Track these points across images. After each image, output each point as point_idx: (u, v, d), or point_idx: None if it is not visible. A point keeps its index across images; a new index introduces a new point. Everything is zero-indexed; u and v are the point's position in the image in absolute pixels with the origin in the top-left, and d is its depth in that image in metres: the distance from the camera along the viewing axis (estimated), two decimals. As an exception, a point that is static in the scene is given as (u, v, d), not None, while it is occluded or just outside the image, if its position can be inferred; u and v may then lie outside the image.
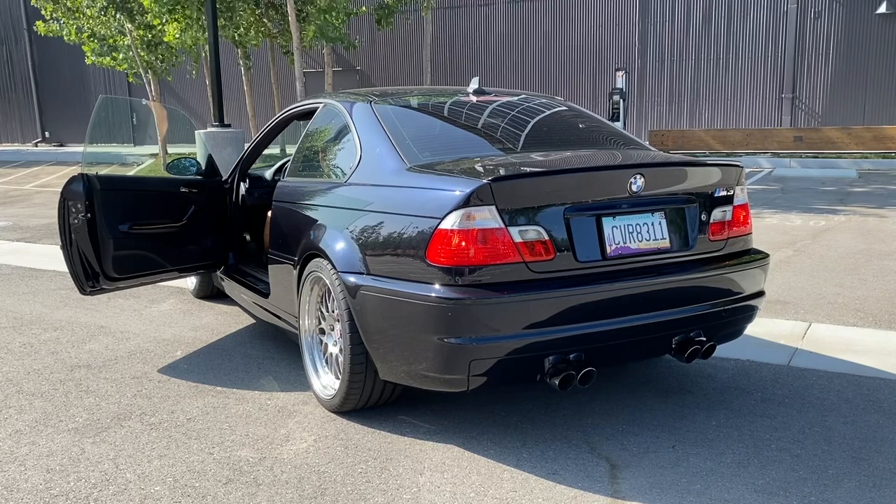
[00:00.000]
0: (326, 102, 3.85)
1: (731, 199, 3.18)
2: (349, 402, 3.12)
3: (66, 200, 3.82)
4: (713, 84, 17.78)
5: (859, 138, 15.08)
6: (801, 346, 4.00)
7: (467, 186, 2.66)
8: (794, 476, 2.61)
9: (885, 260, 6.16)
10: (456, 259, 2.64)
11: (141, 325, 4.68)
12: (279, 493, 2.56)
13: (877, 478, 2.60)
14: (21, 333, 4.55)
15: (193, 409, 3.31)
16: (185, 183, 4.27)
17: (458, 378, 2.72)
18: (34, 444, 2.99)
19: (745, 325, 3.29)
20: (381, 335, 2.89)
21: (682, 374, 3.61)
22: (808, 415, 3.12)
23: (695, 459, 2.75)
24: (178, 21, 13.61)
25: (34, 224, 9.34)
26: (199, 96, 22.05)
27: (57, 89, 25.33)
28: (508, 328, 2.65)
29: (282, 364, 3.88)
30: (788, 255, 6.44)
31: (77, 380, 3.71)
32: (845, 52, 16.61)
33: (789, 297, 4.99)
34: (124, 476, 2.70)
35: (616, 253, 2.85)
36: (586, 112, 4.04)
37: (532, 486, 2.58)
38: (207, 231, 4.32)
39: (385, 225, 2.93)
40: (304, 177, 3.79)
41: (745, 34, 17.35)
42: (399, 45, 20.52)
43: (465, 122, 3.62)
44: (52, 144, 25.14)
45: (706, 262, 3.08)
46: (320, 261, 3.21)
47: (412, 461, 2.78)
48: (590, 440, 2.92)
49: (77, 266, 3.86)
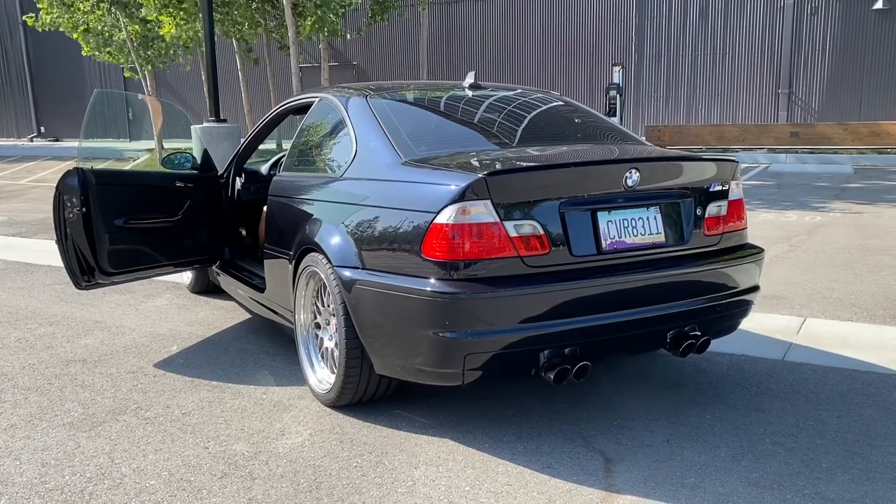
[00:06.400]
0: (322, 97, 3.84)
1: (726, 193, 3.18)
2: (345, 397, 3.12)
3: (61, 195, 3.81)
4: (710, 79, 17.78)
5: (855, 134, 15.10)
6: (795, 340, 4.01)
7: (462, 181, 2.66)
8: (788, 469, 2.63)
9: (879, 255, 6.18)
10: (451, 253, 2.64)
11: (136, 319, 4.67)
12: (274, 487, 2.56)
13: (870, 471, 2.61)
14: (16, 328, 4.54)
15: (189, 404, 3.31)
16: (181, 178, 4.26)
17: (453, 372, 2.73)
18: (29, 438, 2.99)
19: (740, 319, 3.30)
20: (376, 330, 2.89)
21: (676, 368, 3.62)
22: (803, 409, 3.13)
23: (689, 453, 2.76)
24: (174, 16, 13.56)
25: (29, 219, 9.32)
26: (194, 91, 21.97)
27: (52, 84, 25.23)
28: (503, 322, 2.65)
29: (277, 359, 3.88)
30: (784, 250, 6.45)
31: (72, 374, 3.71)
32: (842, 47, 16.62)
33: (784, 292, 5.01)
34: (119, 470, 2.70)
35: (611, 247, 2.86)
36: (582, 107, 4.04)
37: (527, 479, 2.59)
38: (203, 226, 4.31)
39: (380, 219, 2.93)
40: (299, 171, 3.79)
41: (742, 29, 17.35)
42: (395, 40, 20.48)
43: (460, 116, 3.62)
44: (47, 139, 25.04)
45: (701, 257, 3.08)
46: (316, 255, 3.21)
47: (407, 455, 2.79)
48: (585, 434, 2.93)
49: (72, 261, 3.85)
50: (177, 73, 21.16)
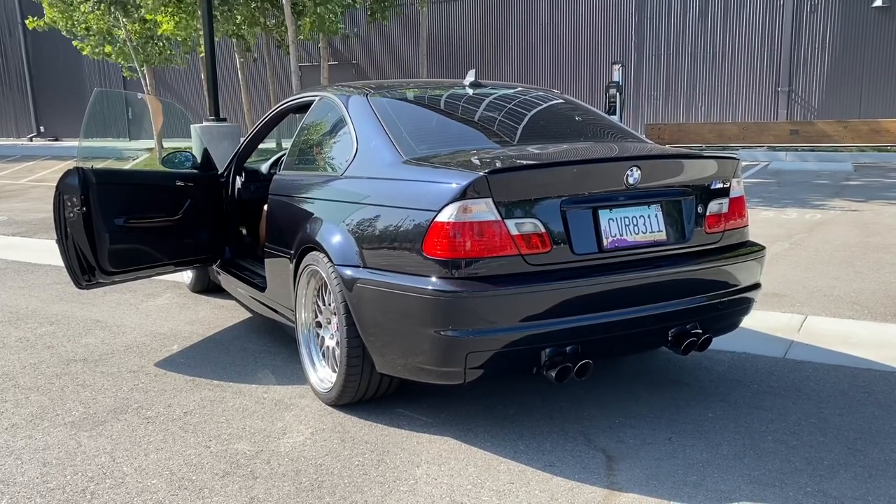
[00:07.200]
0: (322, 95, 3.84)
1: (727, 191, 3.18)
2: (346, 396, 3.12)
3: (61, 194, 3.81)
4: (710, 77, 17.78)
5: (855, 132, 15.10)
6: (796, 338, 4.01)
7: (464, 179, 2.66)
8: (790, 467, 2.62)
9: (880, 253, 6.18)
10: (452, 252, 2.64)
11: (137, 319, 4.67)
12: (276, 486, 2.56)
13: (872, 469, 2.61)
14: (17, 328, 4.54)
15: (190, 403, 3.31)
16: (181, 177, 4.25)
17: (454, 371, 2.72)
18: (31, 437, 2.99)
19: (742, 317, 3.29)
20: (377, 328, 2.89)
21: (678, 366, 3.62)
22: (804, 407, 3.13)
23: (691, 451, 2.76)
24: (174, 15, 13.55)
25: (30, 219, 9.32)
26: (194, 90, 21.97)
27: (52, 83, 25.23)
28: (505, 321, 2.65)
29: (278, 357, 3.87)
30: (784, 248, 6.45)
31: (73, 374, 3.70)
32: (841, 45, 16.62)
33: (785, 290, 5.00)
34: (121, 469, 2.70)
35: (612, 245, 2.85)
36: (583, 105, 4.04)
37: (529, 478, 2.59)
38: (203, 225, 4.31)
39: (381, 218, 2.92)
40: (300, 170, 3.78)
41: (742, 27, 17.34)
42: (395, 39, 20.46)
43: (461, 114, 3.61)
44: (47, 139, 25.04)
45: (702, 255, 3.08)
46: (317, 254, 3.21)
47: (409, 454, 2.78)
48: (586, 432, 2.93)
49: (73, 260, 3.85)
50: (176, 72, 21.15)
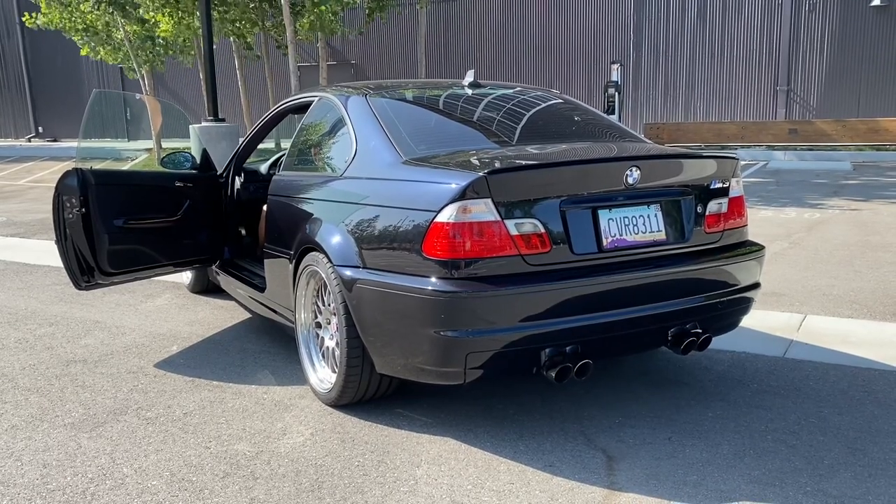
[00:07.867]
0: (321, 96, 3.83)
1: (726, 191, 3.18)
2: (346, 396, 3.12)
3: (60, 195, 3.80)
4: (708, 77, 17.78)
5: (854, 131, 15.11)
6: (796, 337, 4.01)
7: (463, 179, 2.66)
8: (789, 466, 2.63)
9: (879, 251, 6.18)
10: (452, 252, 2.64)
11: (136, 319, 4.67)
12: (276, 487, 2.56)
13: (872, 468, 2.61)
14: (16, 329, 4.54)
15: (190, 404, 3.31)
16: (180, 177, 4.25)
17: (454, 371, 2.72)
18: (30, 439, 2.98)
19: (741, 316, 3.30)
20: (377, 329, 2.89)
21: (678, 366, 3.62)
22: (804, 406, 3.14)
23: (691, 451, 2.76)
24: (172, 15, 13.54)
25: (28, 219, 9.31)
26: (193, 90, 21.95)
27: (50, 84, 25.20)
28: (505, 321, 2.65)
29: (278, 358, 3.87)
30: (783, 247, 6.45)
31: (73, 375, 3.70)
32: (840, 44, 16.62)
33: (784, 290, 5.01)
34: (121, 470, 2.70)
35: (612, 245, 2.86)
36: (582, 105, 4.04)
37: (529, 477, 2.59)
38: (203, 226, 4.30)
39: (381, 218, 2.92)
40: (299, 171, 3.78)
41: (740, 27, 17.35)
42: (393, 39, 20.46)
43: (460, 115, 3.61)
44: (45, 140, 25.02)
45: (702, 255, 3.08)
46: (316, 254, 3.20)
47: (409, 454, 2.78)
48: (586, 432, 2.93)
49: (72, 261, 3.85)
50: (175, 72, 21.14)
